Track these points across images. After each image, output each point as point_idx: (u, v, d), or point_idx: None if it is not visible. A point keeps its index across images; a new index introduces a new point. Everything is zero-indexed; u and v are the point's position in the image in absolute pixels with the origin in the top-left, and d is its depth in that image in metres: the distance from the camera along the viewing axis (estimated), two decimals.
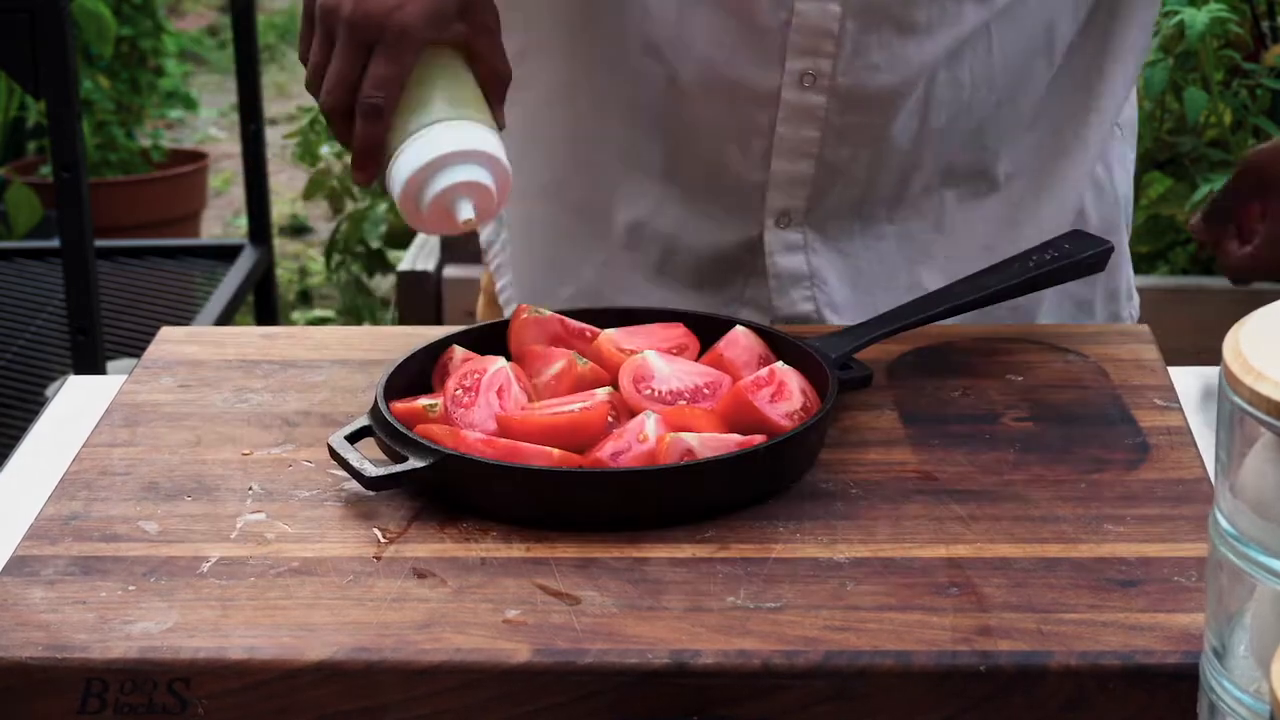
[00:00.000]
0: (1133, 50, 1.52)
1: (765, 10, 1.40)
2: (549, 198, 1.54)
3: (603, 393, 1.25)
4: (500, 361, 1.27)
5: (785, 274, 1.49)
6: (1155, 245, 3.47)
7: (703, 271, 1.51)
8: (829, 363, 1.29)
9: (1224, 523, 0.88)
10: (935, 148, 1.47)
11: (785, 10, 1.40)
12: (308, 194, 4.37)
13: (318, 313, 4.65)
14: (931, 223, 1.51)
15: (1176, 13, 3.26)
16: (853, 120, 1.44)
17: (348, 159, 4.30)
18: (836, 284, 1.50)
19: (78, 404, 1.45)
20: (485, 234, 1.65)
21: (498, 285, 1.63)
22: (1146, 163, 3.45)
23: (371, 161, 1.25)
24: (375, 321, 4.29)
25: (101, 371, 2.86)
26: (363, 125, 1.24)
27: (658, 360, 1.27)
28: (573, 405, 1.23)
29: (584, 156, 1.51)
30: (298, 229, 5.21)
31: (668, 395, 1.25)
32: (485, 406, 1.23)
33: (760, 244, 1.49)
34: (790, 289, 1.50)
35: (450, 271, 3.56)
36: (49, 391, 3.14)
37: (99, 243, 3.11)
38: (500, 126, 1.26)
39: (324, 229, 4.99)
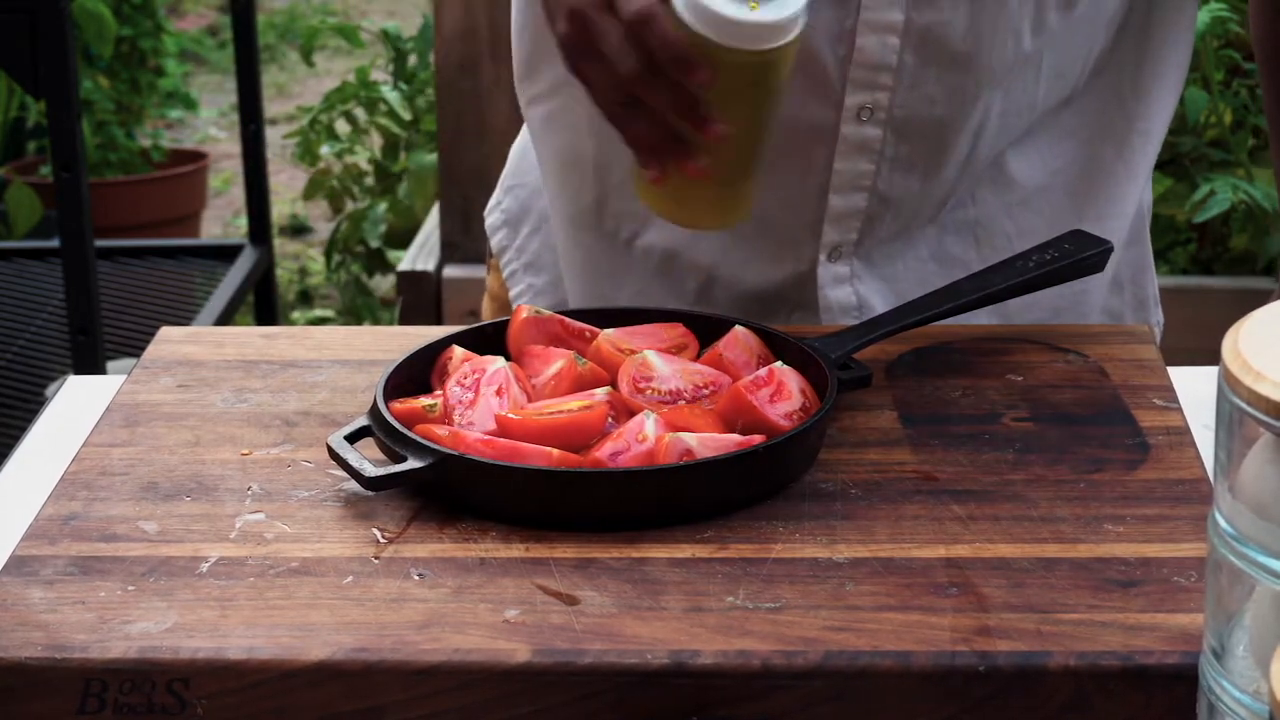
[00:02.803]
0: (1170, 73, 1.51)
1: (825, 47, 1.40)
2: (585, 224, 1.54)
3: (602, 393, 1.25)
4: (500, 361, 1.27)
5: (836, 306, 1.50)
6: (1155, 245, 3.47)
7: (746, 303, 1.51)
8: (829, 363, 1.29)
9: (1223, 523, 0.88)
10: (977, 170, 1.48)
11: (844, 45, 1.40)
12: (308, 194, 4.37)
13: (318, 313, 4.66)
14: (971, 239, 1.51)
15: None
16: (907, 151, 1.44)
17: (348, 159, 4.31)
18: (882, 309, 1.50)
19: (78, 404, 1.45)
20: (497, 239, 1.64)
21: (512, 292, 1.62)
22: None
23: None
24: (375, 321, 4.29)
25: (101, 371, 2.86)
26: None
27: (658, 360, 1.27)
28: (572, 405, 1.23)
29: (618, 184, 1.51)
30: (298, 229, 5.21)
31: (667, 395, 1.25)
32: (485, 406, 1.23)
33: (811, 278, 1.49)
34: (840, 319, 1.50)
35: (450, 271, 3.56)
36: (49, 391, 3.14)
37: (99, 243, 3.12)
38: None
39: (324, 229, 5.00)
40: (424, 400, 1.26)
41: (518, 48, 1.55)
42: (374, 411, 1.23)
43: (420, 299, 3.56)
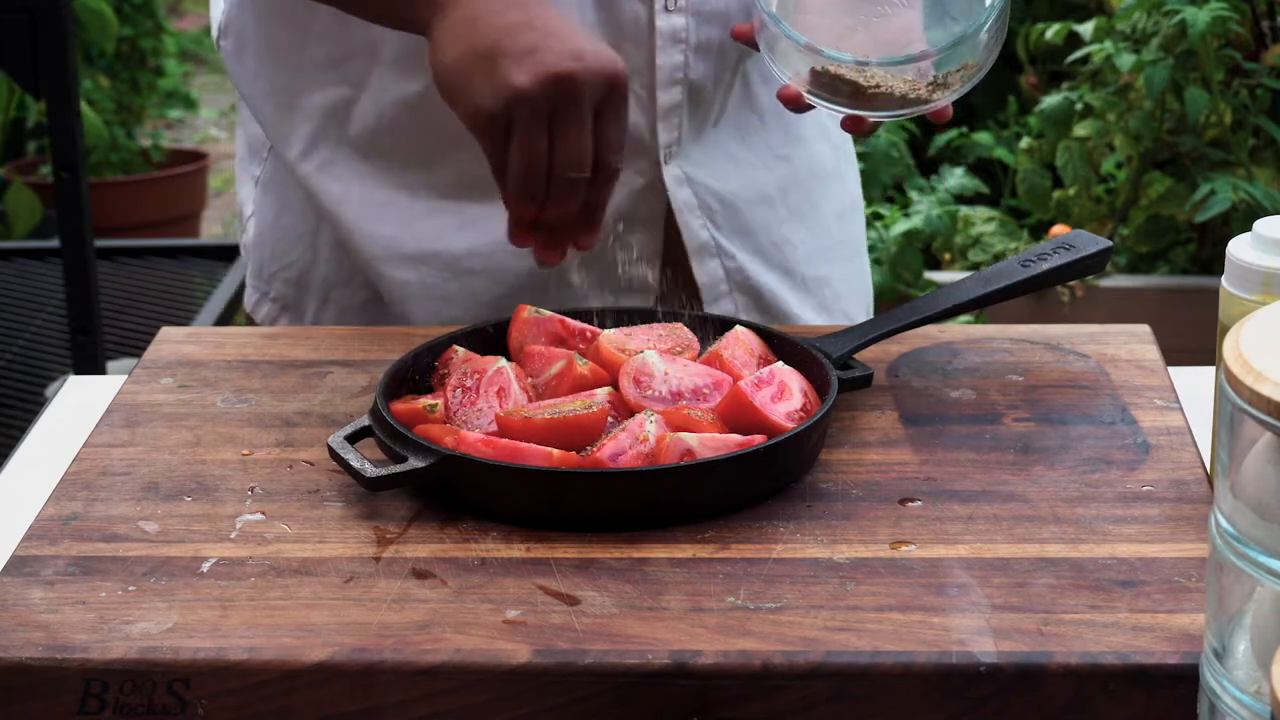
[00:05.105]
0: None
1: None
2: (417, 249, 1.54)
3: (603, 393, 1.25)
4: (500, 361, 1.27)
5: (685, 207, 1.52)
6: (1155, 245, 3.47)
7: (610, 227, 1.51)
8: (829, 363, 1.29)
9: (1224, 523, 0.88)
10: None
11: None
12: None
13: None
14: (759, 122, 1.55)
15: (1178, 12, 3.26)
16: (705, 37, 1.47)
17: None
18: (718, 208, 1.53)
19: (78, 404, 1.45)
20: (282, 327, 1.61)
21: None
22: (1147, 162, 3.45)
23: (602, 219, 1.27)
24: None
25: (101, 371, 2.86)
26: (604, 188, 1.26)
27: (658, 360, 1.27)
28: (573, 405, 1.23)
29: (431, 175, 1.52)
30: None
31: (668, 395, 1.25)
32: (485, 406, 1.23)
33: (659, 184, 1.51)
34: (691, 220, 1.52)
35: None
36: (49, 391, 3.14)
37: (99, 243, 3.11)
38: None
39: None
40: (425, 400, 1.26)
41: (267, 113, 1.55)
42: (375, 412, 1.23)
43: None
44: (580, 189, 1.25)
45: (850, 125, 1.36)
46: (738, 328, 1.32)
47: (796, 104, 1.36)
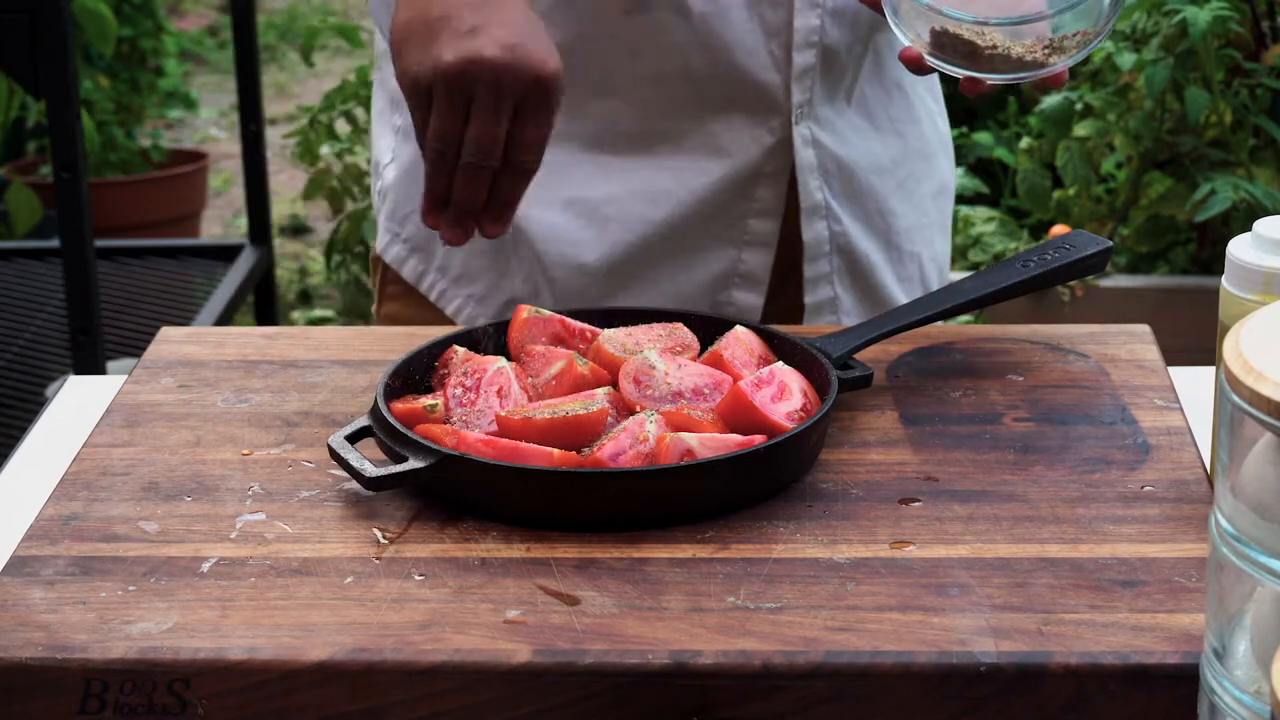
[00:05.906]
0: None
1: None
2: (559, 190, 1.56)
3: (603, 393, 1.25)
4: (500, 361, 1.27)
5: (806, 167, 1.56)
6: (1155, 245, 3.47)
7: (739, 180, 1.56)
8: (829, 363, 1.29)
9: (1224, 523, 0.88)
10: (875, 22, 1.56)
11: None
12: (308, 194, 4.37)
13: (318, 313, 4.65)
14: (884, 95, 1.61)
15: (1178, 11, 3.26)
16: (840, 2, 1.52)
17: (348, 159, 4.31)
18: (835, 173, 1.57)
19: (78, 404, 1.45)
20: (409, 269, 1.64)
21: (449, 309, 1.62)
22: (1147, 162, 3.45)
23: (511, 214, 1.29)
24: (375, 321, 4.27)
25: (101, 371, 2.86)
26: (515, 184, 1.27)
27: (658, 360, 1.27)
28: (573, 405, 1.23)
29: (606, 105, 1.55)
30: (298, 229, 5.21)
31: (668, 395, 1.25)
32: (485, 406, 1.23)
33: (787, 142, 1.55)
34: (810, 180, 1.56)
35: None
36: (49, 391, 3.14)
37: (99, 243, 3.12)
38: None
39: (324, 229, 5.00)
40: (425, 400, 1.26)
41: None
42: (375, 412, 1.23)
43: None
44: (486, 177, 1.26)
45: (968, 86, 1.38)
46: (738, 328, 1.32)
47: (918, 66, 1.39)
